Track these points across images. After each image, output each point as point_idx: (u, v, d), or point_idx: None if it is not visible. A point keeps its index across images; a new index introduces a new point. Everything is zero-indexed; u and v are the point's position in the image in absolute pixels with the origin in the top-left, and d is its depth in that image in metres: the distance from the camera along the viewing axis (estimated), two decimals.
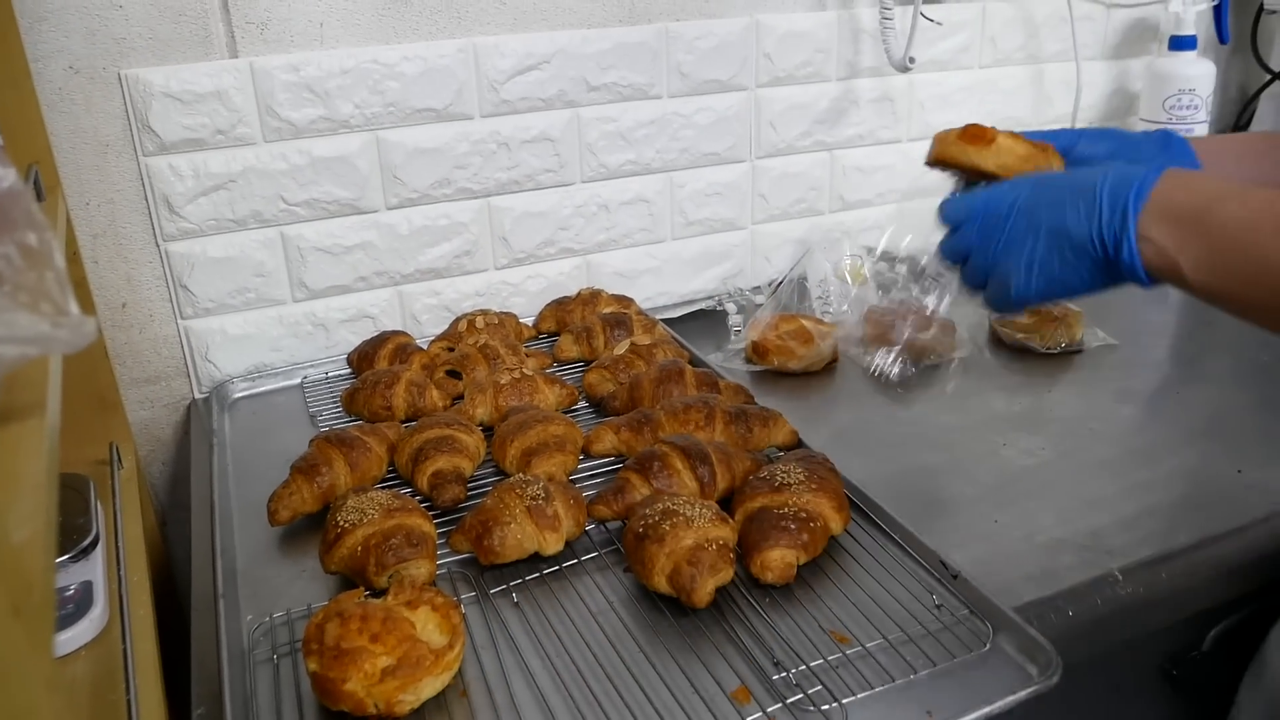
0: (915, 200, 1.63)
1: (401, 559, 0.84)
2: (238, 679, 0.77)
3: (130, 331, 1.23)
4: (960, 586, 0.82)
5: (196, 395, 1.28)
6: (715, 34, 1.39)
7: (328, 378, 1.29)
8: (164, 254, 1.21)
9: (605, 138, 1.37)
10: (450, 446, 1.00)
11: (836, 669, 0.75)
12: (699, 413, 1.03)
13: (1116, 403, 1.18)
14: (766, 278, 1.56)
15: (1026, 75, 1.65)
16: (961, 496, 1.00)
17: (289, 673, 0.77)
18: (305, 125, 1.21)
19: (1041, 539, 0.93)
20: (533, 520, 0.87)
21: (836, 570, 0.87)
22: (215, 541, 0.94)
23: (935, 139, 0.90)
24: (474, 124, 1.30)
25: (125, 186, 1.17)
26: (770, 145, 1.49)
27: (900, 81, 1.54)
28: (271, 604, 0.86)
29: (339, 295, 1.31)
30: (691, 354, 1.26)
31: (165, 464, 1.30)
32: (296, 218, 1.25)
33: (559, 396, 1.15)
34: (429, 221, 1.32)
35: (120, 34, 1.12)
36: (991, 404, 1.18)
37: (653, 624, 0.81)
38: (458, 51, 1.26)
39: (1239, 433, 1.10)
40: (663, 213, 1.45)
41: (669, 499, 0.86)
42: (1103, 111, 1.75)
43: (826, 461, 0.95)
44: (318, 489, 0.97)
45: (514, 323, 1.33)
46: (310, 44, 1.20)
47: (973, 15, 1.57)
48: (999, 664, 0.76)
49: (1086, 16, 1.66)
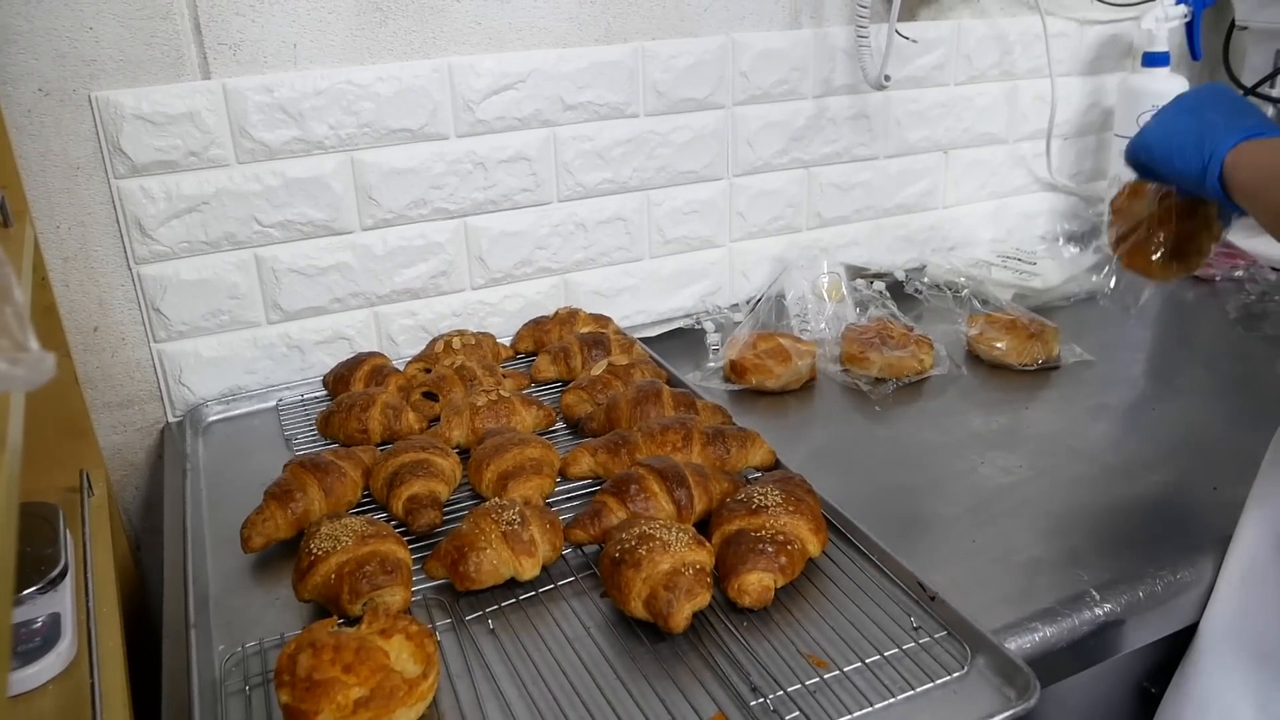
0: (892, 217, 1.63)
1: (376, 586, 0.83)
2: (209, 711, 0.76)
3: (102, 355, 1.22)
4: (938, 608, 0.82)
5: (170, 419, 1.27)
6: (691, 53, 1.39)
7: (303, 400, 1.28)
8: (136, 277, 1.20)
9: (582, 156, 1.37)
10: (426, 471, 0.99)
11: (814, 694, 0.75)
12: (676, 434, 1.03)
13: (1093, 419, 1.18)
14: (745, 295, 1.56)
15: (1001, 92, 1.66)
16: (939, 516, 1.00)
17: (261, 705, 0.76)
18: (279, 146, 1.21)
19: (1019, 558, 0.93)
20: (508, 545, 0.87)
21: (814, 593, 0.86)
22: (187, 569, 0.93)
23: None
24: (450, 144, 1.29)
25: (96, 209, 1.16)
26: (747, 163, 1.49)
27: (876, 99, 1.54)
28: (245, 633, 0.85)
29: (314, 317, 1.30)
30: (669, 374, 1.25)
31: (139, 489, 1.29)
32: (270, 239, 1.24)
33: (536, 418, 1.14)
34: (405, 242, 1.31)
35: (90, 56, 1.11)
36: (969, 422, 1.18)
37: (629, 650, 0.81)
38: (433, 72, 1.25)
39: (1215, 449, 1.11)
40: (640, 231, 1.45)
41: (645, 523, 0.86)
42: (1078, 126, 1.76)
43: (804, 483, 0.94)
44: (291, 515, 0.96)
45: (491, 343, 1.32)
46: (284, 65, 1.19)
47: (948, 33, 1.57)
48: (977, 686, 0.75)
49: (1060, 33, 1.67)
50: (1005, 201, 1.75)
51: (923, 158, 1.63)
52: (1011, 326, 1.32)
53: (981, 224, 1.74)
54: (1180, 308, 1.51)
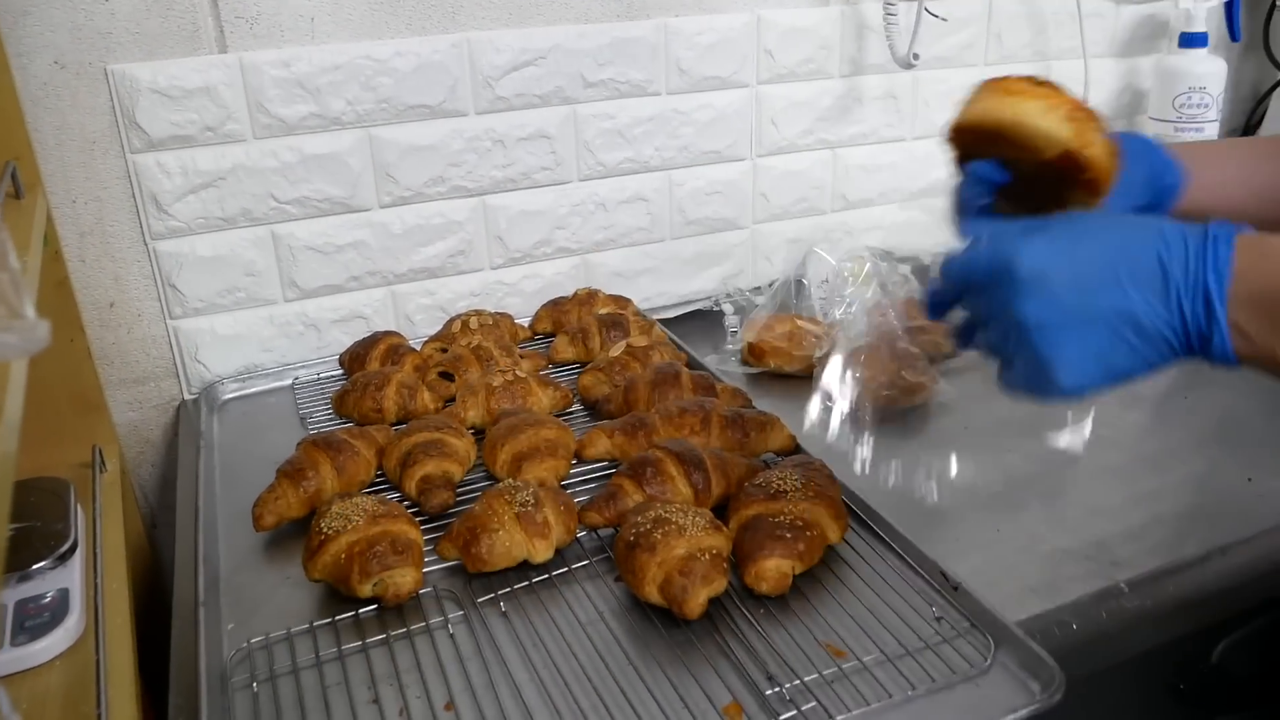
0: (921, 200, 1.60)
1: (386, 567, 0.82)
2: (216, 706, 0.74)
3: (118, 331, 1.21)
4: (961, 598, 0.80)
5: (186, 396, 1.26)
6: (715, 29, 1.36)
7: (319, 379, 1.27)
8: (152, 252, 1.19)
9: (603, 135, 1.35)
10: (439, 450, 0.98)
11: (832, 684, 0.73)
12: (694, 417, 1.01)
13: (1124, 408, 1.15)
14: (767, 278, 1.53)
15: (1033, 73, 1.62)
16: (964, 504, 0.97)
17: (269, 702, 0.75)
18: (296, 122, 1.19)
19: (1044, 549, 0.90)
20: (521, 527, 0.85)
21: (834, 581, 0.84)
22: (198, 548, 0.92)
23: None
24: (468, 121, 1.27)
25: (112, 184, 1.15)
26: (772, 143, 1.46)
27: (904, 79, 1.51)
28: (253, 612, 0.84)
29: (331, 295, 1.29)
30: (689, 356, 1.23)
31: (154, 466, 1.28)
32: (287, 216, 1.23)
33: (553, 399, 1.13)
34: (423, 220, 1.29)
35: (106, 29, 1.10)
36: (996, 409, 1.15)
37: (643, 635, 0.79)
38: (451, 47, 1.23)
39: (1249, 439, 1.08)
40: (661, 212, 1.43)
41: (661, 506, 0.84)
42: (1112, 110, 1.72)
43: (825, 468, 0.92)
44: (304, 493, 0.95)
45: (509, 323, 1.31)
46: (301, 39, 1.18)
47: (979, 11, 1.54)
48: (1000, 680, 0.73)
49: (1095, 13, 1.63)
50: None
51: None
52: None
53: None
54: None
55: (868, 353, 1.18)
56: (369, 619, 0.83)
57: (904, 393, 1.14)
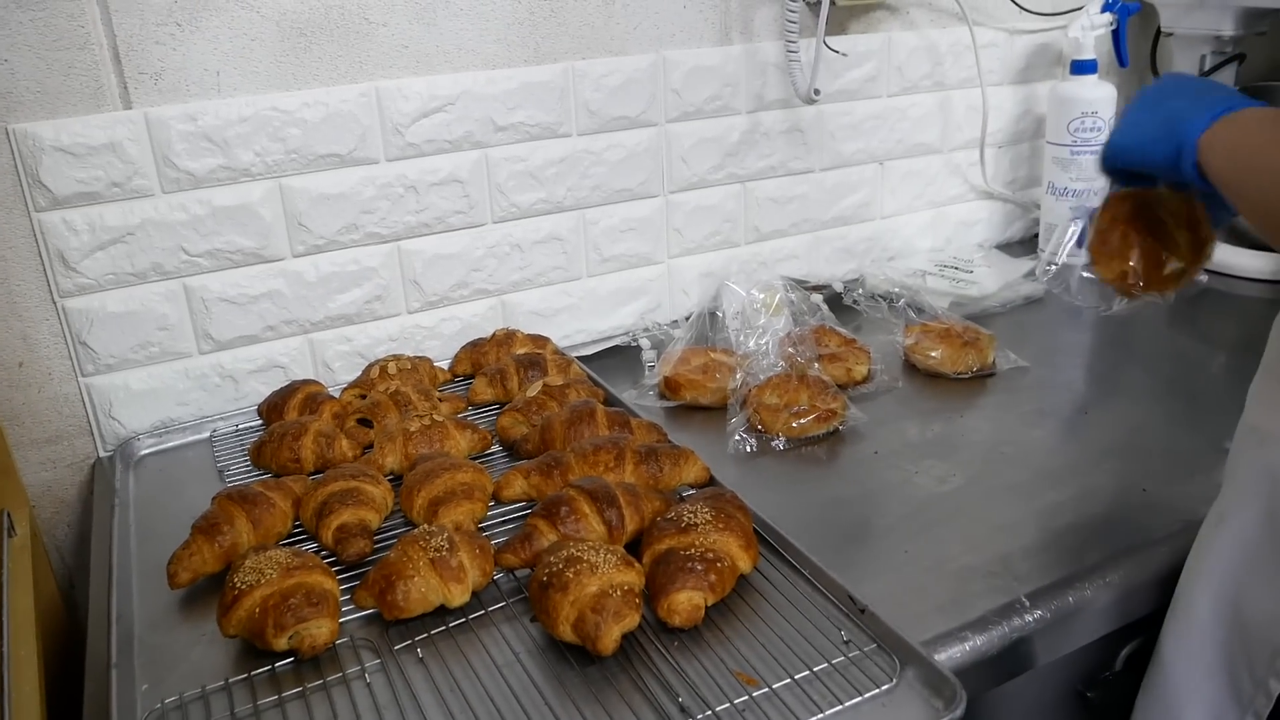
0: (830, 229, 1.64)
1: (301, 619, 0.82)
2: None
3: (28, 391, 1.19)
4: (868, 621, 0.82)
5: (101, 454, 1.25)
6: (622, 71, 1.39)
7: (238, 430, 1.26)
8: (61, 310, 1.18)
9: (515, 177, 1.37)
10: (355, 499, 0.98)
11: (743, 712, 0.74)
12: (609, 453, 1.02)
13: (1027, 425, 1.19)
14: (685, 311, 1.55)
15: (934, 102, 1.68)
16: (874, 527, 1.00)
17: None
18: (205, 175, 1.19)
19: (951, 567, 0.93)
20: (437, 572, 0.86)
21: (745, 610, 0.86)
22: (111, 608, 0.91)
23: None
24: (380, 168, 1.28)
25: (17, 243, 1.14)
26: (683, 179, 1.49)
27: (810, 113, 1.55)
28: (168, 671, 0.84)
29: (247, 345, 1.28)
30: (607, 392, 1.25)
31: (70, 525, 1.26)
32: (199, 269, 1.22)
33: (471, 442, 1.13)
34: (337, 268, 1.30)
35: (6, 88, 1.09)
36: (904, 432, 1.19)
37: (559, 675, 0.80)
38: (360, 96, 1.25)
39: (1147, 451, 1.12)
40: (577, 250, 1.45)
41: (574, 545, 0.85)
42: (1011, 134, 1.78)
43: (736, 499, 0.94)
44: (219, 548, 0.94)
45: (428, 367, 1.31)
46: (207, 93, 1.18)
47: (878, 45, 1.59)
48: (905, 699, 0.75)
49: (990, 43, 1.69)
50: (942, 210, 1.76)
51: (858, 169, 1.64)
52: (946, 335, 1.33)
53: (919, 233, 1.75)
54: (1116, 311, 1.53)
55: (779, 381, 1.21)
56: (285, 673, 0.82)
57: (815, 420, 1.17)
